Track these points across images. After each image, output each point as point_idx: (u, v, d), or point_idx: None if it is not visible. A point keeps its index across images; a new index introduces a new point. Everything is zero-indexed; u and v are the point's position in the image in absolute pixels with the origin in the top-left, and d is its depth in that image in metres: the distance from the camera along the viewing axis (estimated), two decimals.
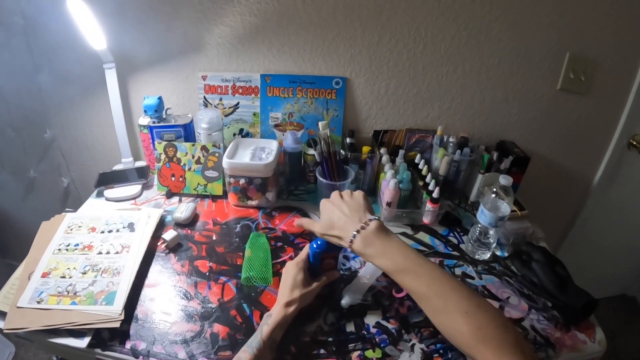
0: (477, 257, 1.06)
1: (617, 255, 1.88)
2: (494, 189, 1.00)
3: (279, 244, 1.07)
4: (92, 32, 1.11)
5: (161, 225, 1.10)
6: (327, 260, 0.91)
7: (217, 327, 0.83)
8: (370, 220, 0.75)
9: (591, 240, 1.77)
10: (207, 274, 0.97)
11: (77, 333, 0.80)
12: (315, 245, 0.88)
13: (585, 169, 1.55)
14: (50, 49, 1.24)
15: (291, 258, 1.02)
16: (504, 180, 0.97)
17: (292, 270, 0.86)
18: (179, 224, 1.11)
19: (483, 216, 1.00)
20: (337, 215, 0.78)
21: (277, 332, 0.78)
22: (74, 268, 0.92)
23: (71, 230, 1.03)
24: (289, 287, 0.83)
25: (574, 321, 0.89)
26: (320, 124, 1.12)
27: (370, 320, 0.87)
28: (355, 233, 0.74)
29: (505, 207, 0.98)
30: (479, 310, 0.63)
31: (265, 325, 0.77)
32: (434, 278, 0.68)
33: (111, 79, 1.22)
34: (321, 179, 1.14)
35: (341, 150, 1.23)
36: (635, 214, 1.71)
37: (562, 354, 0.83)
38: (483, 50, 1.25)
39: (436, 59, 1.26)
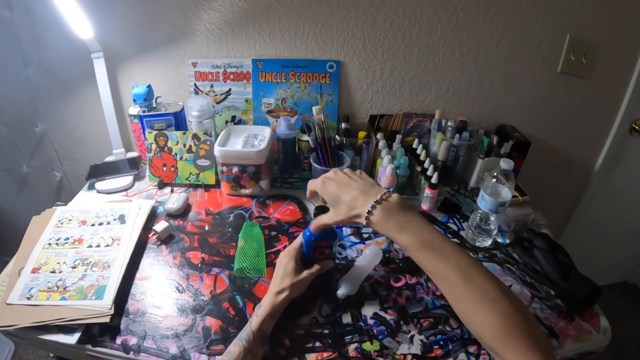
0: (477, 244, 1.03)
1: (619, 242, 1.85)
2: (495, 174, 0.95)
3: (273, 233, 1.03)
4: (78, 20, 1.06)
5: (153, 217, 1.06)
6: (321, 249, 0.87)
7: (210, 321, 0.80)
8: (389, 192, 0.67)
9: (593, 226, 1.74)
10: (199, 265, 0.93)
11: (67, 329, 0.77)
12: (308, 233, 0.83)
13: (586, 154, 1.52)
14: (38, 41, 1.19)
15: (285, 248, 0.98)
16: (505, 164, 0.92)
17: (283, 259, 0.83)
18: (170, 215, 1.07)
19: (483, 202, 0.97)
20: (347, 191, 0.70)
21: (267, 323, 0.74)
22: (64, 262, 0.89)
23: (61, 224, 0.99)
24: (279, 275, 0.80)
25: (578, 310, 0.86)
26: (314, 109, 1.08)
27: (368, 311, 0.84)
28: (374, 204, 0.65)
29: (506, 193, 0.95)
30: (506, 299, 0.57)
31: (255, 316, 0.74)
32: (459, 260, 0.61)
33: (99, 68, 1.18)
34: (316, 165, 1.10)
35: (336, 136, 1.19)
36: (635, 201, 1.68)
37: (566, 344, 0.80)
38: (481, 32, 1.20)
39: (432, 41, 1.21)
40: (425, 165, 1.12)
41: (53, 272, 0.87)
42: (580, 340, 0.81)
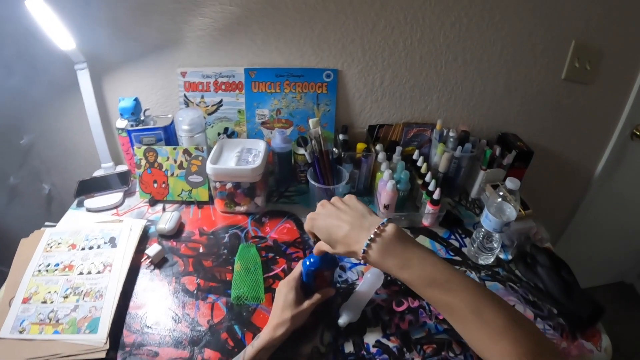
0: (480, 261, 1.04)
1: (616, 243, 1.89)
2: (500, 193, 0.96)
3: (270, 254, 1.03)
4: (58, 32, 1.04)
5: (145, 237, 1.06)
6: (321, 277, 0.87)
7: (208, 353, 0.81)
8: (383, 224, 0.64)
9: (591, 229, 1.78)
10: (195, 292, 0.93)
11: None
12: (308, 263, 0.84)
13: (587, 159, 1.54)
14: (21, 51, 1.16)
15: (284, 271, 0.99)
16: (511, 183, 0.93)
17: (283, 289, 0.83)
18: (163, 236, 1.07)
19: (487, 221, 0.97)
20: (337, 226, 0.67)
21: (262, 355, 0.75)
22: (55, 292, 0.89)
23: (50, 247, 0.99)
24: (279, 307, 0.81)
25: (581, 329, 0.88)
26: (310, 121, 1.06)
27: (370, 338, 0.85)
28: (369, 242, 0.63)
29: (512, 212, 0.95)
30: (517, 327, 0.57)
31: (250, 347, 0.75)
32: (466, 292, 0.59)
33: (84, 80, 1.15)
34: (313, 182, 1.10)
35: (334, 149, 1.18)
36: (635, 204, 1.72)
37: None
38: (485, 38, 1.19)
39: (435, 47, 1.20)
40: (427, 179, 1.12)
41: (44, 302, 0.87)
42: None
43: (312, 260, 0.84)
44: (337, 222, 0.68)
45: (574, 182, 1.60)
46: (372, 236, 0.63)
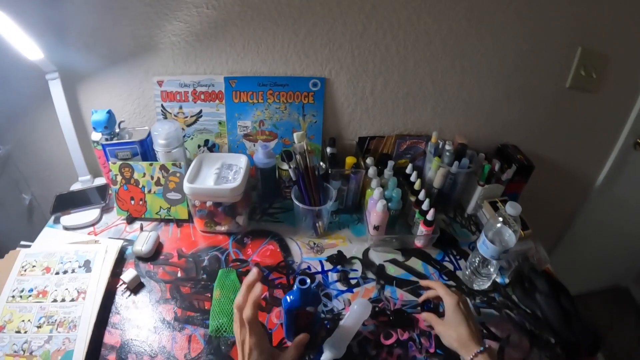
0: (475, 287, 1.03)
1: (613, 248, 1.88)
2: (500, 219, 0.92)
3: None
4: (21, 41, 1.00)
5: (121, 259, 1.06)
6: (304, 315, 0.84)
7: None
8: (483, 349, 0.78)
9: (589, 236, 1.77)
10: (172, 322, 0.93)
11: None
12: (288, 300, 0.81)
13: (588, 168, 1.52)
14: None
15: (265, 299, 0.98)
16: (512, 209, 0.89)
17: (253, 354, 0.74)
18: (140, 258, 1.07)
19: (484, 247, 0.95)
20: (466, 326, 0.81)
21: None
22: (29, 320, 0.89)
23: (25, 271, 0.99)
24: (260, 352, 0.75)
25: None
26: (295, 135, 1.03)
27: None
28: (481, 349, 0.77)
29: (511, 237, 0.92)
30: None
31: None
32: None
33: (56, 90, 1.13)
34: (298, 203, 1.07)
35: (321, 163, 1.16)
36: (635, 211, 1.70)
37: None
38: (485, 43, 1.14)
39: (431, 52, 1.15)
40: (421, 196, 1.09)
41: (18, 331, 0.88)
42: None
43: (291, 297, 0.81)
44: (467, 324, 0.82)
45: (574, 191, 1.58)
46: (481, 349, 0.78)
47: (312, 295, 0.82)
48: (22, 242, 1.08)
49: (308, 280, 0.78)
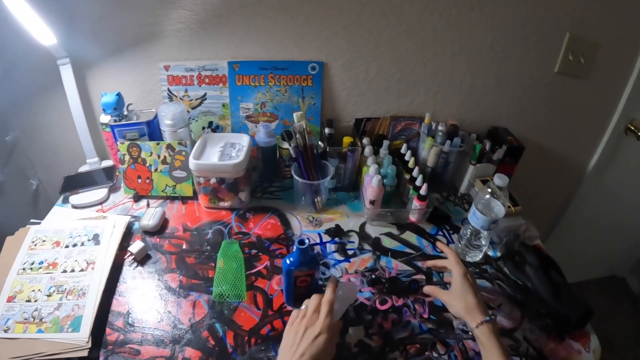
0: (468, 259, 1.05)
1: (608, 237, 1.89)
2: (489, 190, 0.95)
3: (253, 251, 1.05)
4: (37, 27, 1.04)
5: (129, 233, 1.08)
6: (302, 278, 0.87)
7: (189, 352, 0.83)
8: (489, 319, 0.79)
9: (583, 223, 1.78)
10: (177, 289, 0.95)
11: None
12: (288, 262, 0.83)
13: (580, 155, 1.53)
14: (2, 47, 1.16)
15: (266, 268, 1.01)
16: (500, 180, 0.92)
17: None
18: (147, 232, 1.09)
19: (475, 218, 0.97)
20: (473, 295, 0.81)
21: None
22: (39, 290, 0.91)
23: (35, 245, 1.01)
24: None
25: (568, 331, 0.88)
26: (295, 115, 1.07)
27: (352, 338, 0.86)
28: (487, 319, 0.77)
29: (500, 209, 0.95)
30: None
31: None
32: None
33: (67, 75, 1.16)
34: (297, 178, 1.10)
35: (319, 143, 1.19)
36: (628, 198, 1.72)
37: None
38: (475, 29, 1.17)
39: (422, 38, 1.18)
40: (414, 174, 1.12)
41: (28, 300, 0.89)
42: None
43: (291, 259, 0.83)
44: (474, 292, 0.83)
45: (566, 177, 1.59)
46: (487, 318, 0.78)
47: (310, 257, 0.84)
48: (32, 220, 1.10)
49: (307, 241, 0.80)
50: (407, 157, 1.19)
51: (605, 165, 1.56)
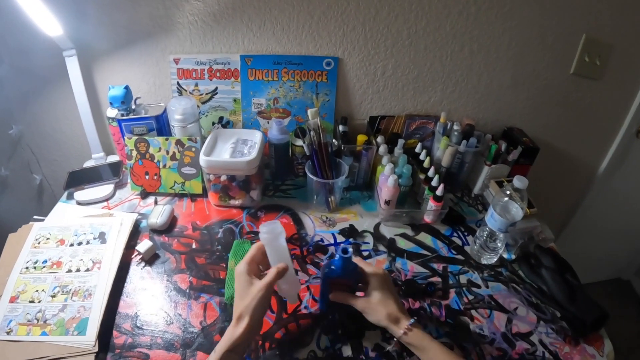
0: (483, 261, 1.00)
1: (615, 240, 1.87)
2: (507, 192, 0.91)
3: None
4: (44, 17, 0.98)
5: (136, 232, 1.02)
6: (339, 287, 0.81)
7: (201, 357, 0.77)
8: (414, 322, 0.74)
9: (591, 226, 1.75)
10: (187, 291, 0.89)
11: None
12: (327, 270, 0.78)
13: (591, 156, 1.50)
14: (7, 39, 1.11)
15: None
16: (519, 182, 0.88)
17: (236, 282, 0.72)
18: (154, 231, 1.03)
19: (492, 220, 0.93)
20: (394, 301, 0.76)
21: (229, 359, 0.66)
22: (43, 290, 0.85)
23: (39, 243, 0.95)
24: (236, 299, 0.71)
25: (583, 334, 0.85)
26: (309, 111, 1.02)
27: (369, 342, 0.81)
28: (413, 321, 0.73)
29: (518, 211, 0.90)
30: None
31: (212, 353, 0.66)
32: None
33: (73, 67, 1.10)
34: (311, 176, 1.05)
35: (333, 141, 1.14)
36: (637, 202, 1.69)
37: None
38: (493, 28, 1.13)
39: (440, 36, 1.13)
40: (430, 173, 1.08)
41: (32, 301, 0.84)
42: None
43: (332, 267, 0.77)
44: (395, 297, 0.77)
45: (576, 179, 1.56)
46: (412, 321, 0.74)
47: (352, 268, 0.78)
48: (35, 217, 1.04)
49: (350, 250, 0.74)
50: (422, 157, 1.14)
51: (616, 168, 1.53)
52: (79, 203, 1.11)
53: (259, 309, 0.69)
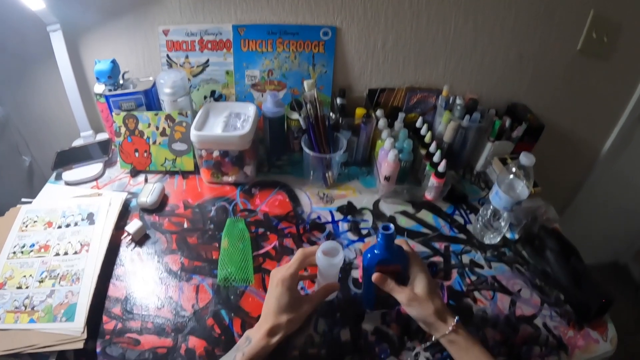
0: (486, 240, 0.95)
1: (614, 223, 1.82)
2: (513, 169, 0.85)
3: (261, 230, 0.93)
4: None
5: (126, 212, 0.96)
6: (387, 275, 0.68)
7: (193, 341, 0.72)
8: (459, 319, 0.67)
9: (592, 208, 1.70)
10: (179, 272, 0.84)
11: (40, 356, 0.70)
12: (369, 255, 0.67)
13: (594, 137, 1.44)
14: None
15: (275, 248, 0.90)
16: (526, 159, 0.81)
17: (277, 289, 0.68)
18: (145, 210, 0.97)
19: (497, 198, 0.87)
20: (439, 296, 0.68)
21: None
22: (30, 275, 0.80)
23: (26, 227, 0.89)
24: (272, 310, 0.67)
25: (588, 319, 0.80)
26: (305, 83, 0.94)
27: (368, 325, 0.76)
28: (458, 318, 0.66)
29: (523, 190, 0.84)
30: None
31: (241, 354, 0.64)
32: None
33: (57, 42, 1.02)
34: (308, 150, 0.98)
35: (331, 114, 1.06)
36: (636, 190, 1.64)
37: (574, 356, 0.75)
38: (499, 1, 1.05)
39: (444, 8, 1.05)
40: (431, 149, 1.00)
41: (19, 287, 0.78)
42: (588, 352, 0.77)
43: (375, 251, 0.66)
44: (435, 295, 0.68)
45: (579, 160, 1.50)
46: (456, 320, 0.66)
47: (397, 249, 0.68)
48: (23, 199, 0.97)
49: (391, 226, 0.64)
50: (422, 132, 1.07)
51: (619, 151, 1.48)
52: (67, 183, 1.04)
53: (296, 325, 0.69)
